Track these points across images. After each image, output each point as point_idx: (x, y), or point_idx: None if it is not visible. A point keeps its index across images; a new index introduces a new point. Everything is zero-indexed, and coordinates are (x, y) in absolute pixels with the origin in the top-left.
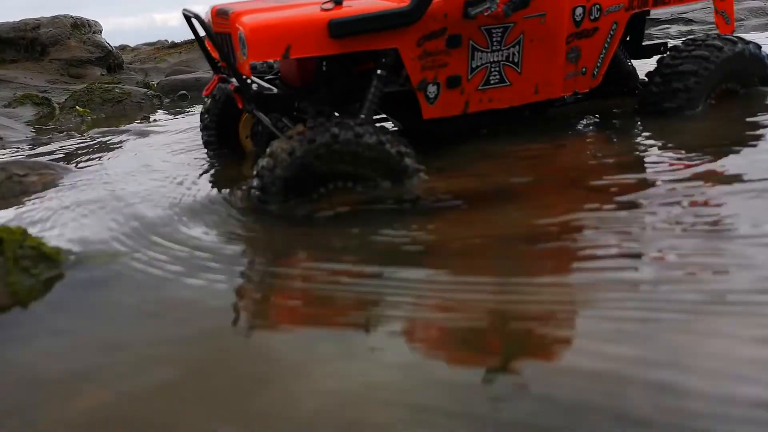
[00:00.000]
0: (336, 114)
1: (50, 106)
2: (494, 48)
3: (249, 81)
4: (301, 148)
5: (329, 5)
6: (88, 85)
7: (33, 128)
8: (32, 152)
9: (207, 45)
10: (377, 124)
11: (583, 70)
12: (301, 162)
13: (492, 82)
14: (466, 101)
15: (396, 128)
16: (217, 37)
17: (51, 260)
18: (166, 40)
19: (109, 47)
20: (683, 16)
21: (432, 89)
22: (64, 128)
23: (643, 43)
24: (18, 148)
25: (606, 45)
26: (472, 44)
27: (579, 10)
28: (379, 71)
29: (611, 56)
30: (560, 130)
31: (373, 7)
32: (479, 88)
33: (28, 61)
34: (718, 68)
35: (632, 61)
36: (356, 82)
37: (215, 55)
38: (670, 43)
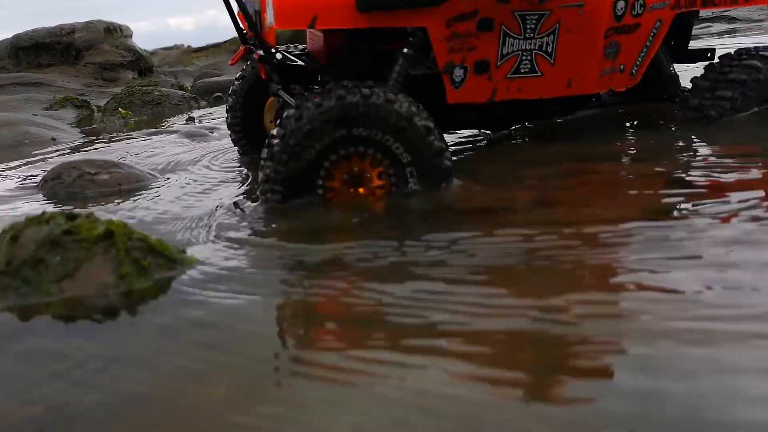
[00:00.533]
0: None
1: (89, 109)
2: (527, 35)
3: (273, 51)
4: (309, 113)
5: None
6: (127, 87)
7: (80, 130)
8: (86, 152)
9: (238, 16)
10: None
11: (621, 67)
12: (309, 128)
13: (522, 71)
14: (494, 88)
15: None
16: (246, 5)
17: (158, 253)
18: (183, 44)
19: (140, 51)
20: (726, 14)
21: (459, 73)
22: (109, 129)
23: (689, 48)
24: (72, 148)
25: (648, 43)
26: (504, 29)
27: (621, 4)
28: (405, 50)
29: (652, 56)
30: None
31: None
32: (508, 75)
33: (64, 65)
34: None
35: (674, 66)
36: (382, 60)
37: (244, 24)
38: (713, 44)
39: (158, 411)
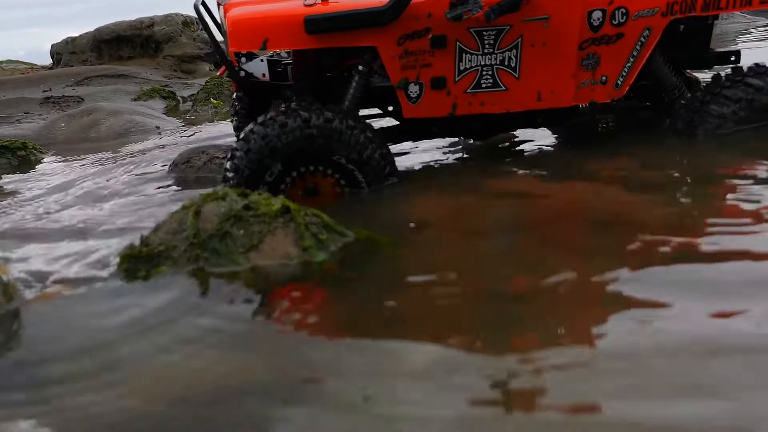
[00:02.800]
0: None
1: (175, 99)
2: (486, 51)
3: (237, 68)
4: (273, 132)
5: (311, 1)
6: (210, 79)
7: (177, 118)
8: (194, 138)
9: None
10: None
11: (603, 79)
12: (271, 145)
13: (484, 85)
14: (454, 103)
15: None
16: (208, 25)
17: (331, 228)
18: None
19: None
20: None
21: (414, 89)
22: (203, 118)
23: (711, 51)
24: (180, 135)
25: (635, 53)
26: (459, 46)
27: (597, 14)
28: (360, 67)
29: (641, 66)
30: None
31: (353, 5)
32: (468, 90)
33: (144, 57)
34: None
35: (694, 71)
36: (343, 77)
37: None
38: (741, 45)
39: None
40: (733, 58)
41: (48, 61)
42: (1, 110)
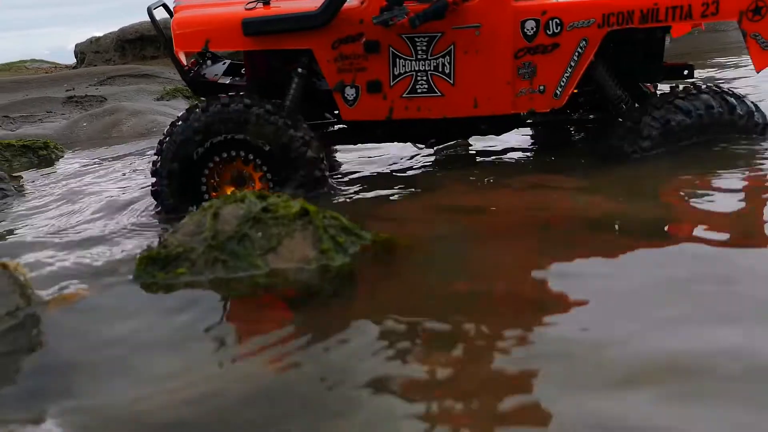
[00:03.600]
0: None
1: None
2: (419, 57)
3: (187, 68)
4: (195, 116)
5: (252, 5)
6: None
7: None
8: None
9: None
10: None
11: (541, 88)
12: (194, 130)
13: (419, 90)
14: (390, 107)
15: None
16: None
17: (349, 230)
18: None
19: None
20: None
21: (350, 92)
22: None
23: (664, 65)
24: None
25: (572, 63)
26: (393, 51)
27: (530, 24)
28: (299, 69)
29: (580, 76)
30: None
31: (291, 9)
32: (404, 95)
33: (167, 57)
34: (695, 125)
35: (648, 84)
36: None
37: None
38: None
39: None
40: (686, 72)
41: (72, 60)
42: (24, 109)
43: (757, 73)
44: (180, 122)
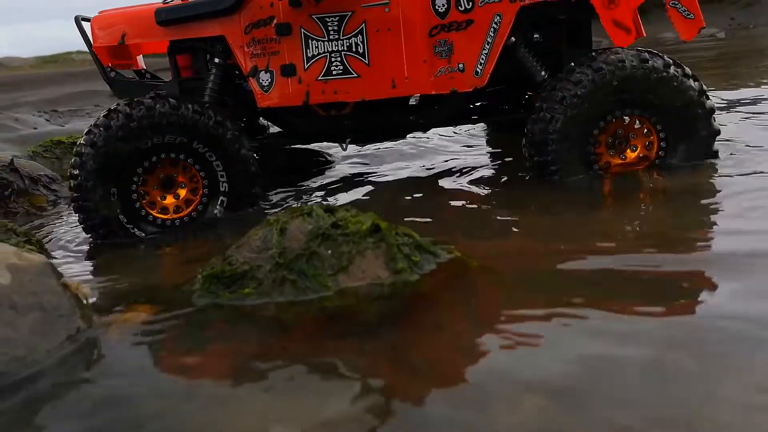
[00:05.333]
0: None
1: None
2: (332, 37)
3: (109, 68)
4: (118, 123)
5: None
6: None
7: None
8: None
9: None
10: None
11: (460, 66)
12: (121, 134)
13: (335, 72)
14: (307, 91)
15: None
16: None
17: (423, 249)
18: None
19: None
20: None
21: (265, 77)
22: None
23: (593, 49)
24: None
25: (489, 40)
26: (304, 33)
27: (441, 0)
28: (216, 60)
29: (498, 53)
30: None
31: None
32: (319, 78)
33: None
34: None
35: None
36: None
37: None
38: None
39: None
40: None
41: None
42: (71, 103)
43: (687, 41)
44: (101, 127)
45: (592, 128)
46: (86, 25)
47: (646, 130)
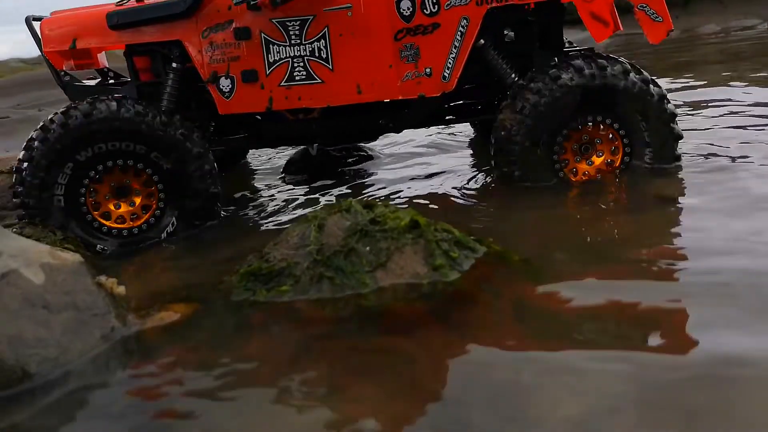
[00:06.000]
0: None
1: None
2: (293, 42)
3: (63, 72)
4: (54, 135)
5: (124, 1)
6: None
7: None
8: None
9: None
10: None
11: (428, 71)
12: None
13: (298, 78)
14: (270, 97)
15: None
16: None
17: (462, 244)
18: None
19: None
20: None
21: (225, 83)
22: None
23: (565, 50)
24: None
25: (456, 43)
26: (265, 37)
27: (406, 3)
28: (174, 64)
29: (466, 57)
30: None
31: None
32: (282, 83)
33: None
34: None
35: None
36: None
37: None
38: None
39: None
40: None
41: None
42: None
43: (655, 44)
44: (37, 141)
45: (555, 135)
46: (39, 26)
47: (611, 136)
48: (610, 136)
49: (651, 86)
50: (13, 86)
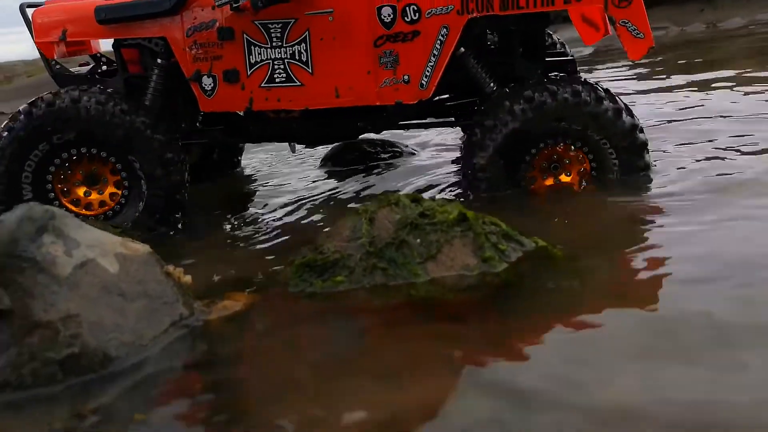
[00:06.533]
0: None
1: None
2: (275, 44)
3: (54, 62)
4: (19, 124)
5: None
6: None
7: None
8: None
9: None
10: None
11: (406, 78)
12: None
13: (278, 80)
14: (250, 98)
15: None
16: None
17: (510, 237)
18: None
19: None
20: None
21: (207, 81)
22: None
23: (547, 60)
24: None
25: (435, 52)
26: (247, 38)
27: (387, 10)
28: (159, 60)
29: (444, 65)
30: None
31: None
32: (263, 85)
33: None
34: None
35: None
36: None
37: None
38: None
39: None
40: (569, 68)
41: None
42: None
43: (635, 61)
44: (5, 131)
45: (524, 154)
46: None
47: (580, 157)
48: (580, 157)
49: (625, 115)
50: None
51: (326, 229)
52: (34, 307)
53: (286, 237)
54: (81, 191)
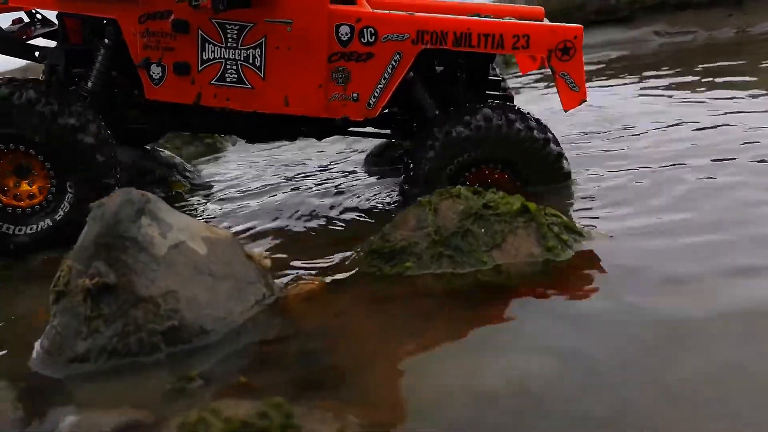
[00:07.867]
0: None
1: None
2: (230, 45)
3: None
4: None
5: None
6: None
7: None
8: None
9: None
10: None
11: (354, 95)
12: None
13: (229, 80)
14: (199, 93)
15: None
16: None
17: (570, 229)
18: None
19: None
20: None
21: (156, 70)
22: None
23: (486, 90)
24: None
25: (386, 75)
26: (201, 34)
27: (345, 29)
28: (106, 41)
29: (393, 89)
30: None
31: None
32: (213, 82)
33: None
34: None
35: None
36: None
37: None
38: None
39: None
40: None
41: None
42: None
43: (565, 112)
44: None
45: (457, 177)
46: None
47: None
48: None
49: (552, 145)
50: None
51: (391, 221)
52: (138, 283)
53: (350, 228)
54: (11, 183)
